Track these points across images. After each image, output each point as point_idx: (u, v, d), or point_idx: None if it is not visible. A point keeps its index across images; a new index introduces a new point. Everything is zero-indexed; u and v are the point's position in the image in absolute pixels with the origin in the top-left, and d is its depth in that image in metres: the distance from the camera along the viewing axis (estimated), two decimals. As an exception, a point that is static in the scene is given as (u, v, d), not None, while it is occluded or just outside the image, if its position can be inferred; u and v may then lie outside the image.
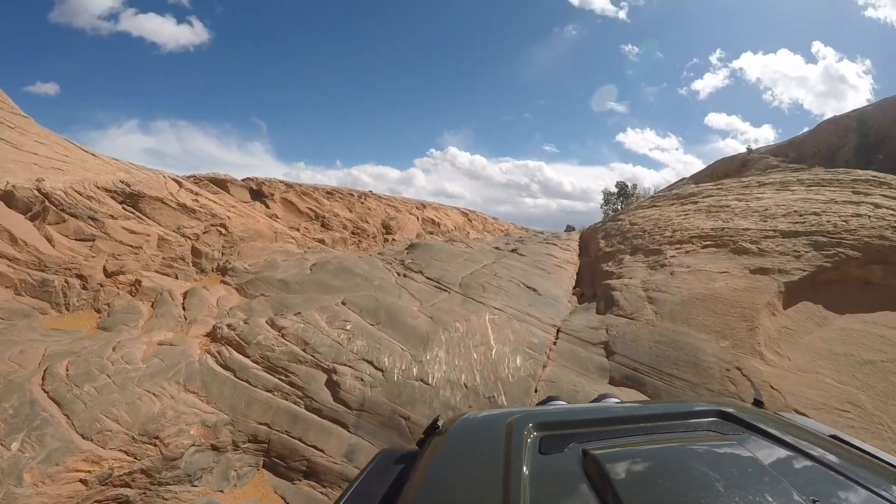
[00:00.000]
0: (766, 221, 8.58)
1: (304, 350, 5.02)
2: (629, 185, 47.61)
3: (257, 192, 11.11)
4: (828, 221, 8.10)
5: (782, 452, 1.04)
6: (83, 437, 4.15)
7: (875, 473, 0.96)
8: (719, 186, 12.57)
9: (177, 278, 7.89)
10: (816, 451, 1.03)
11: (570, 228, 38.85)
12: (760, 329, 6.26)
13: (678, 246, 8.36)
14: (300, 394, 4.64)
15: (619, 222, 12.78)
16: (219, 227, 8.79)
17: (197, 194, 9.53)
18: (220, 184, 10.98)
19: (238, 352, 5.08)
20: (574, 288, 9.15)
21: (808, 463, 0.99)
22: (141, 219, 8.31)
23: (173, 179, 10.10)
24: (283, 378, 4.77)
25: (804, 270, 7.08)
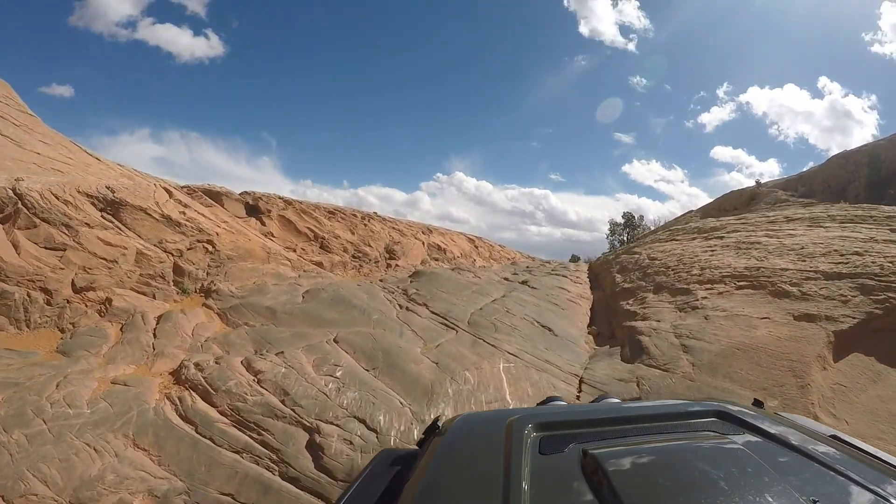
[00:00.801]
0: (804, 261, 7.82)
1: (283, 402, 4.16)
2: (635, 216, 47.24)
3: (253, 207, 10.36)
4: (873, 262, 7.35)
5: (782, 452, 1.02)
6: (3, 500, 3.34)
7: (875, 473, 0.94)
8: (743, 221, 11.83)
9: (154, 298, 7.12)
10: (816, 451, 1.01)
11: (574, 258, 38.07)
12: (813, 386, 5.45)
13: (709, 286, 7.56)
14: (274, 457, 3.78)
15: (636, 255, 12.01)
16: (205, 244, 8.03)
17: (186, 206, 8.80)
18: (215, 196, 10.26)
19: (203, 399, 4.24)
20: (589, 326, 8.36)
21: (808, 463, 0.97)
22: (120, 229, 7.57)
23: (164, 188, 9.39)
24: (254, 436, 3.92)
25: (853, 318, 6.31)
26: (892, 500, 0.85)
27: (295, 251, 9.79)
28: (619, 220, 47.32)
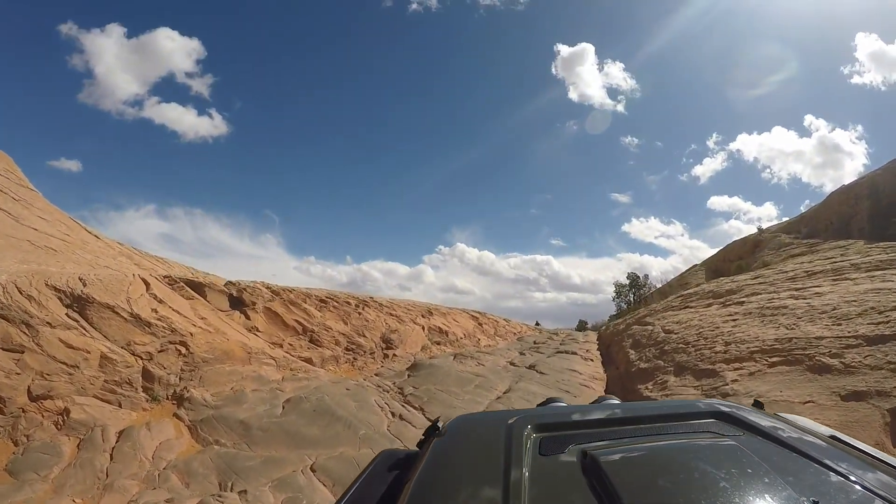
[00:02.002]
0: (840, 325, 7.04)
1: (236, 568, 3.32)
2: (640, 275, 46.43)
3: (238, 299, 9.72)
4: (917, 319, 6.61)
5: (782, 453, 1.00)
6: None
7: (874, 473, 0.93)
8: (760, 279, 11.12)
9: (120, 406, 6.37)
10: (816, 452, 0.99)
11: (582, 325, 36.95)
12: (880, 485, 4.55)
13: (738, 365, 6.76)
14: None
15: (648, 327, 11.23)
16: (178, 346, 7.33)
17: (160, 301, 8.17)
18: (197, 288, 9.67)
19: (141, 567, 3.40)
20: (608, 413, 7.49)
21: (808, 463, 0.95)
22: (84, 330, 6.90)
23: (142, 279, 8.82)
24: None
25: (908, 388, 5.54)
26: (892, 500, 0.82)
27: (282, 347, 9.06)
28: (624, 281, 46.50)
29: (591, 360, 12.25)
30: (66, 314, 7.01)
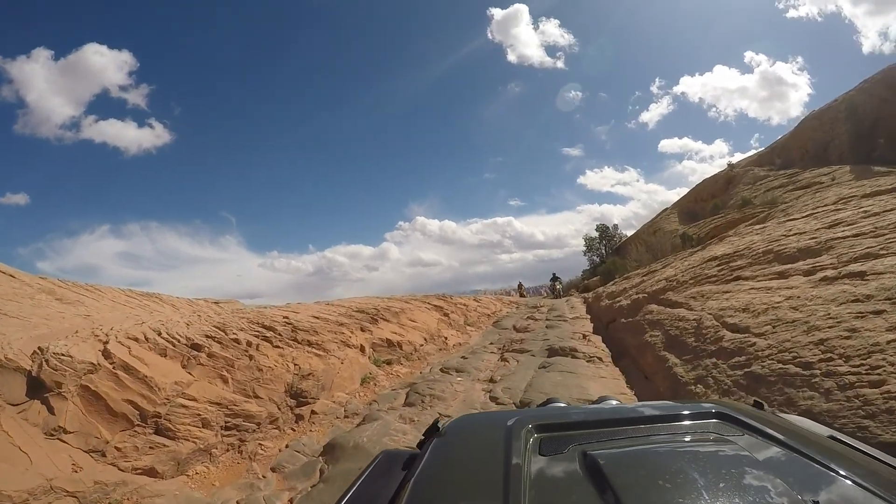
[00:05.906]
0: None
1: None
2: (609, 226, 43.88)
3: (37, 380, 5.76)
4: None
5: (782, 453, 0.99)
6: None
7: (875, 473, 0.92)
8: (849, 227, 7.61)
9: None
10: (816, 452, 0.98)
11: (555, 280, 33.82)
12: None
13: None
14: None
15: (682, 311, 7.82)
16: None
17: None
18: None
19: None
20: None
21: (808, 463, 0.95)
22: None
23: None
24: None
25: None
26: (892, 501, 0.81)
27: (104, 455, 5.25)
28: (593, 233, 44.12)
29: (600, 358, 8.95)
30: None
